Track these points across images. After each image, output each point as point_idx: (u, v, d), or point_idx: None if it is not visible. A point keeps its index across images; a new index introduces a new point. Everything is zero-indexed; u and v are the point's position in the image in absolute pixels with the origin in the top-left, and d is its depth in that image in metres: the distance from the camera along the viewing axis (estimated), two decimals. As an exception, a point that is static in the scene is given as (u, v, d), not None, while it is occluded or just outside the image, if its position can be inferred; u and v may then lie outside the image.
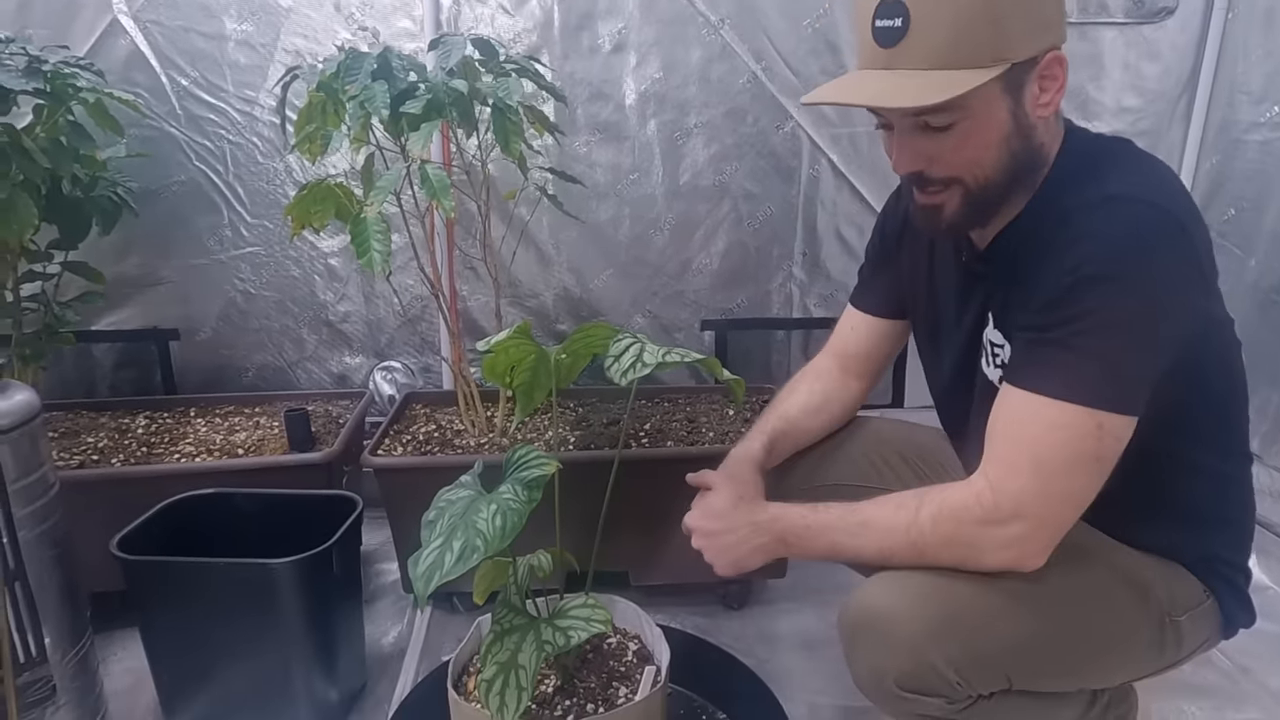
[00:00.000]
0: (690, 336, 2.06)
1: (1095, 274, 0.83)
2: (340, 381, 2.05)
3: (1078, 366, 0.85)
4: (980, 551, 0.90)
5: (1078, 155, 0.94)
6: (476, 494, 0.96)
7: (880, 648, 0.93)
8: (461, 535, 0.87)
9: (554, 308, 2.03)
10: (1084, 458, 0.86)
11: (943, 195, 0.93)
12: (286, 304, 1.98)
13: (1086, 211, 0.86)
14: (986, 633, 0.91)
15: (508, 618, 0.98)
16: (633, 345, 0.98)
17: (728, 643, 1.56)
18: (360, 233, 1.30)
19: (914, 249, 1.16)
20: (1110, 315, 0.84)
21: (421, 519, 0.95)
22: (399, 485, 1.54)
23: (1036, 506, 0.88)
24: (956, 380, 1.11)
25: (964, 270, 1.06)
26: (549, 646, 0.96)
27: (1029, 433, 0.88)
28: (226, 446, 1.60)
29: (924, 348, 1.21)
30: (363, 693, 1.43)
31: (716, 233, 2.00)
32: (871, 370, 1.30)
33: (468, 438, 1.66)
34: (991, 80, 0.84)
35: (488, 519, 0.89)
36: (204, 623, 1.26)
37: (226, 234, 1.93)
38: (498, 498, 0.92)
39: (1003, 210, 0.96)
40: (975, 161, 0.90)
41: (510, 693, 0.91)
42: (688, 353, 0.99)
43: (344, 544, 1.30)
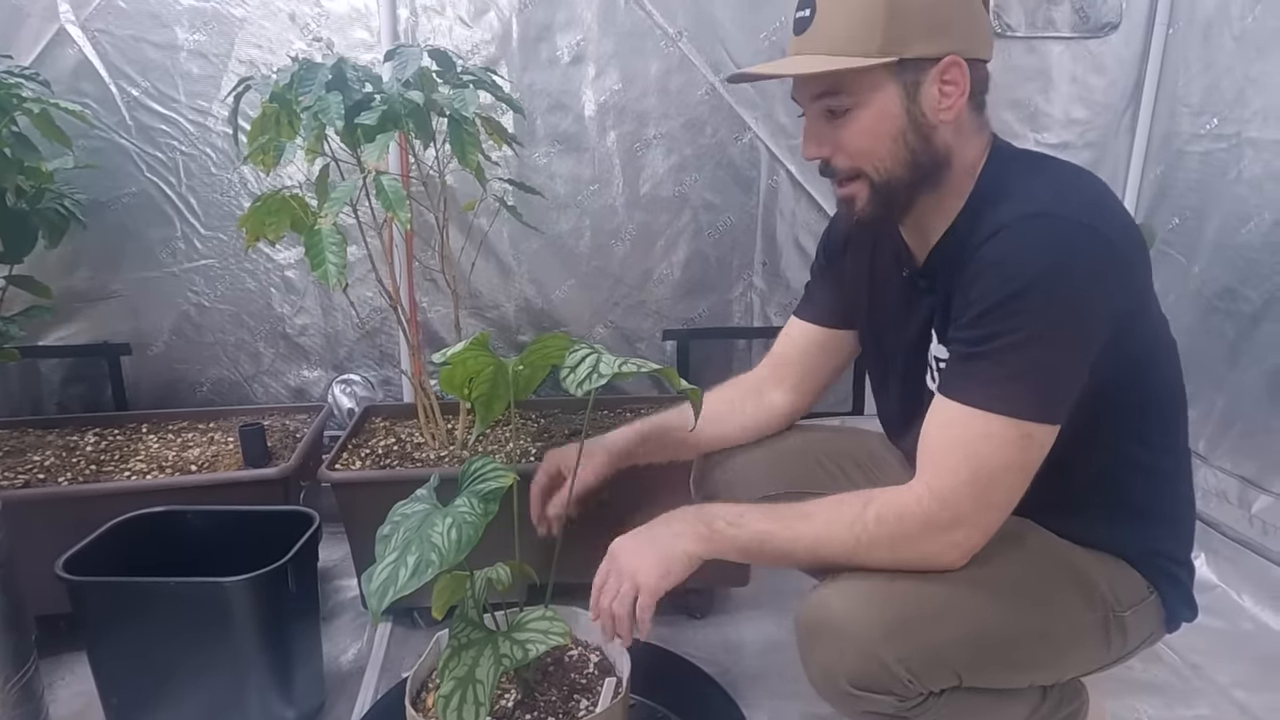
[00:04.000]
0: (652, 346, 2.07)
1: (1018, 290, 0.87)
2: (298, 395, 2.02)
3: (1006, 381, 0.89)
4: (920, 553, 0.93)
5: (1001, 169, 0.98)
6: (432, 508, 0.95)
7: (833, 648, 0.94)
8: (416, 550, 0.86)
9: (515, 319, 2.03)
10: (1012, 466, 0.91)
11: (853, 187, 0.99)
12: (242, 317, 1.95)
13: (1009, 229, 0.89)
14: (935, 631, 0.93)
15: (465, 632, 0.97)
16: (589, 356, 0.98)
17: (691, 652, 1.56)
18: (315, 245, 1.28)
19: (857, 262, 1.18)
20: (1035, 330, 0.87)
21: (377, 532, 0.94)
22: (357, 500, 1.52)
23: (973, 512, 0.92)
24: (903, 395, 1.13)
25: (905, 285, 1.08)
26: (507, 660, 0.95)
27: (963, 442, 0.91)
28: (179, 463, 1.57)
29: (870, 363, 1.23)
30: (321, 711, 1.41)
31: (677, 243, 2.02)
32: (805, 383, 1.28)
33: (428, 450, 1.64)
34: (881, 71, 0.91)
35: (443, 533, 0.88)
36: (155, 644, 1.23)
37: (179, 246, 1.89)
38: (453, 511, 0.92)
39: (918, 209, 0.99)
40: (871, 153, 0.95)
41: (468, 708, 0.91)
42: (644, 363, 1.00)
43: (300, 561, 1.28)
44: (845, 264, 1.21)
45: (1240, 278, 1.77)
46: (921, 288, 1.05)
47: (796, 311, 1.29)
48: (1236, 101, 1.79)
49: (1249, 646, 1.59)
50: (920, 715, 0.95)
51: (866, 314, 1.18)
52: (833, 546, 0.94)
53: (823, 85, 0.94)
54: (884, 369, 1.18)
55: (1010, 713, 1.01)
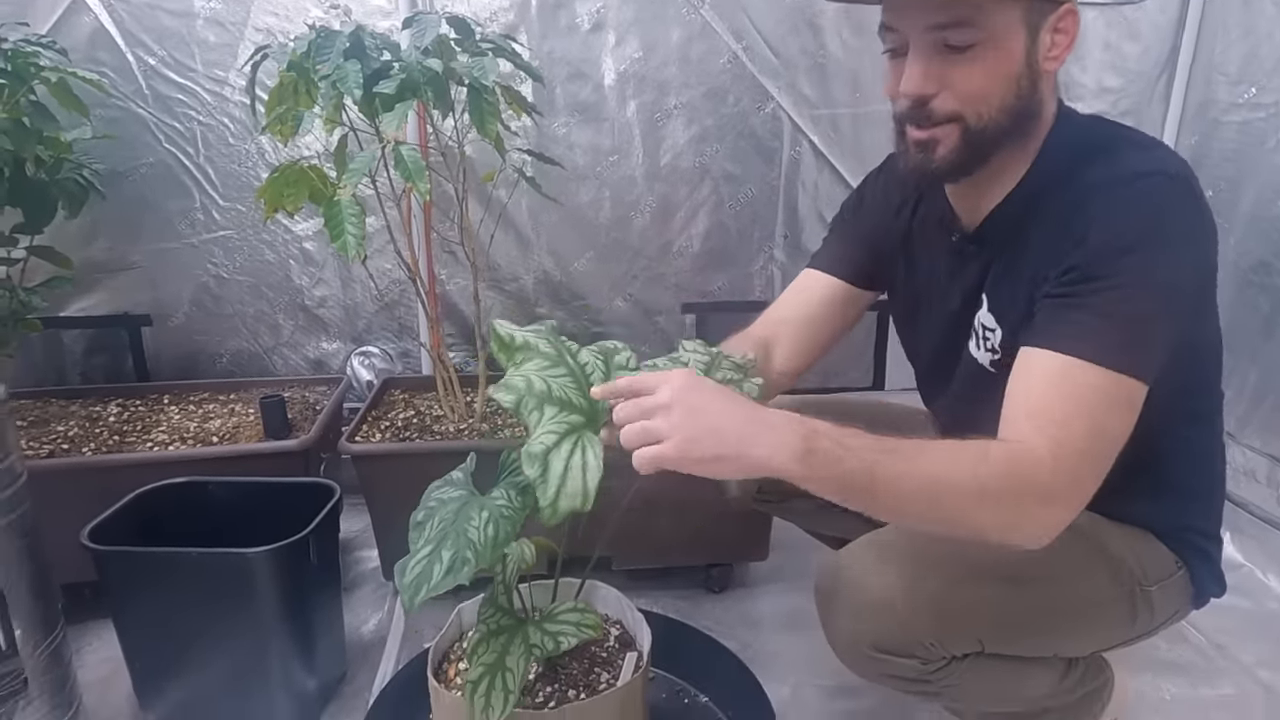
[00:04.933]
0: (671, 320, 2.05)
1: (1128, 246, 0.83)
2: (317, 367, 2.02)
3: (1118, 335, 0.83)
4: (1023, 519, 0.83)
5: (1078, 130, 0.94)
6: (468, 495, 0.93)
7: (854, 609, 0.94)
8: (452, 545, 0.85)
9: (534, 291, 2.02)
10: (1123, 432, 0.84)
11: (941, 130, 0.91)
12: (261, 289, 1.95)
13: (1110, 187, 0.86)
14: (959, 595, 0.92)
15: (495, 618, 0.96)
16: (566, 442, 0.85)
17: (709, 626, 1.57)
18: (334, 216, 1.27)
19: (895, 220, 1.14)
20: (1143, 288, 0.84)
21: (410, 518, 0.92)
22: (377, 472, 1.52)
23: (1085, 480, 0.83)
24: (941, 362, 1.10)
25: (953, 252, 1.05)
26: (537, 650, 0.95)
27: (1078, 399, 0.83)
28: (201, 434, 1.58)
29: (902, 327, 1.20)
30: (342, 681, 1.42)
31: (697, 215, 1.99)
32: (810, 344, 1.19)
33: (447, 423, 1.64)
34: (1017, 7, 0.85)
35: (479, 527, 0.86)
36: (178, 613, 1.24)
37: (198, 217, 1.89)
38: (490, 504, 0.89)
39: (989, 166, 0.94)
40: (983, 95, 0.88)
41: (497, 695, 0.90)
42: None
43: (321, 532, 1.28)
44: (881, 220, 1.16)
45: (1276, 251, 1.73)
46: (970, 252, 1.02)
47: (815, 264, 1.23)
48: (1276, 70, 1.73)
49: (1274, 626, 1.58)
50: (942, 679, 0.94)
51: (903, 276, 1.15)
52: (954, 491, 0.80)
53: (954, 14, 0.85)
54: (918, 333, 1.15)
55: (1033, 682, 1.01)
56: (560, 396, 0.90)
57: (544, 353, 0.95)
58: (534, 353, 0.95)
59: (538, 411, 0.89)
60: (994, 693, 0.99)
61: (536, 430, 0.88)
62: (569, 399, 0.91)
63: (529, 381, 0.90)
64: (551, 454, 0.85)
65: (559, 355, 0.95)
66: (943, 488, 0.80)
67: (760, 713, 1.30)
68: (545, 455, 0.85)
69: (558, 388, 0.91)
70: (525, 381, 0.90)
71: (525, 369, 0.93)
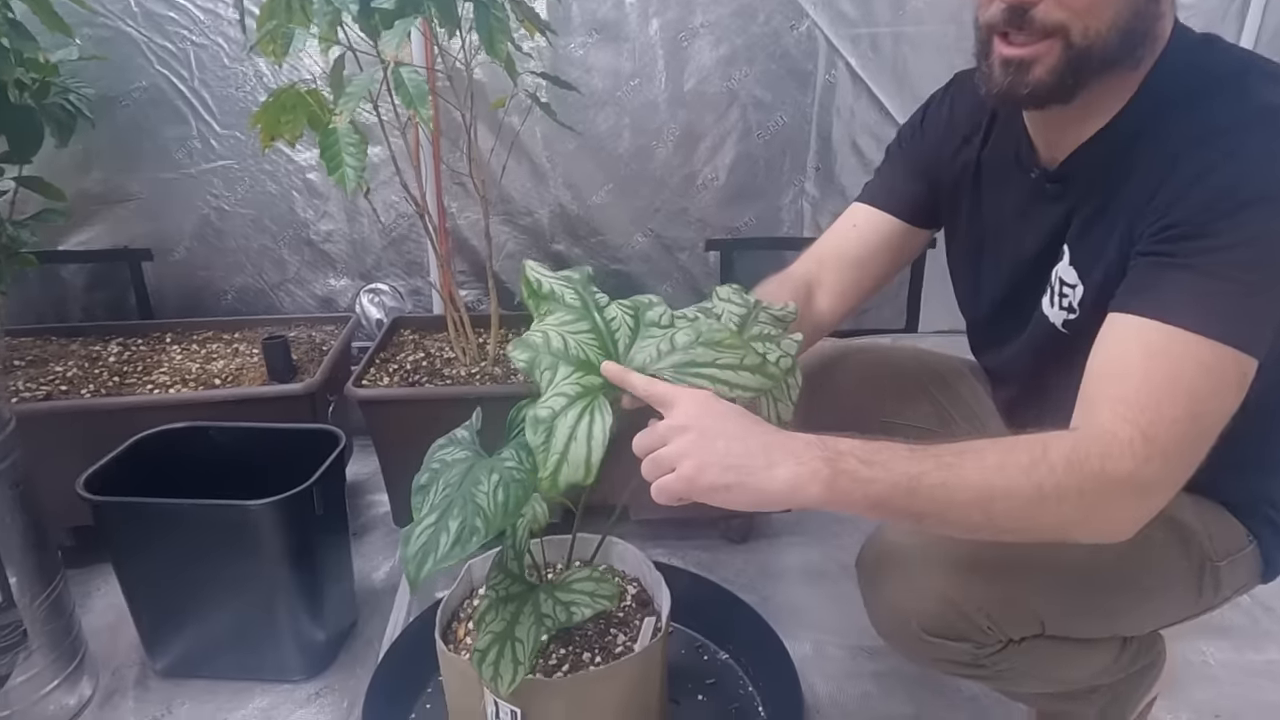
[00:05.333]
0: (694, 257, 1.95)
1: (1250, 199, 0.71)
2: (325, 305, 1.95)
3: (1231, 304, 0.72)
4: (1105, 513, 0.73)
5: (1192, 55, 0.81)
6: (475, 455, 0.86)
7: (904, 590, 0.87)
8: (459, 513, 0.78)
9: (549, 227, 1.91)
10: (1226, 414, 0.74)
11: (1040, 46, 0.77)
12: (264, 222, 1.86)
13: (1233, 126, 0.74)
14: (1020, 574, 0.84)
15: (504, 583, 0.90)
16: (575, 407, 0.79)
17: (729, 578, 1.52)
18: (330, 146, 1.17)
19: (961, 154, 1.02)
20: (1269, 244, 0.72)
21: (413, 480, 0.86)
22: (386, 418, 1.46)
23: (1179, 469, 0.73)
24: (1003, 315, 1.00)
25: (1031, 192, 0.93)
26: (549, 621, 0.89)
27: (1177, 376, 0.72)
28: (203, 376, 1.52)
29: (960, 272, 1.09)
30: (352, 631, 1.39)
31: (724, 144, 1.86)
32: (856, 287, 1.09)
33: (458, 366, 1.57)
34: None
35: (488, 492, 0.79)
36: (180, 564, 1.20)
37: (195, 145, 1.79)
38: (500, 466, 0.82)
39: (1086, 93, 0.81)
40: (1094, 6, 0.75)
41: (506, 665, 0.85)
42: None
43: (326, 481, 1.22)
44: (945, 149, 1.04)
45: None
46: (1050, 194, 0.90)
47: (866, 197, 1.11)
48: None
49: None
50: (997, 663, 0.88)
51: (966, 215, 1.03)
52: (1009, 496, 0.70)
53: None
54: (979, 281, 1.04)
55: (1090, 662, 0.94)
56: (578, 355, 0.82)
57: (569, 305, 0.87)
58: (558, 305, 0.87)
59: (551, 371, 0.81)
60: (1049, 674, 0.93)
61: (548, 391, 0.80)
62: (587, 358, 0.83)
63: (546, 337, 0.82)
64: (558, 419, 0.78)
65: (584, 308, 0.87)
66: (995, 494, 0.71)
67: (781, 670, 1.25)
68: (551, 420, 0.78)
69: (576, 345, 0.83)
70: (543, 337, 0.82)
71: (546, 323, 0.85)
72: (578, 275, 0.91)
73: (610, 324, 0.88)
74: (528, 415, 0.79)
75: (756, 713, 1.22)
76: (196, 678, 1.28)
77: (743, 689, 1.26)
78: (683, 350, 0.84)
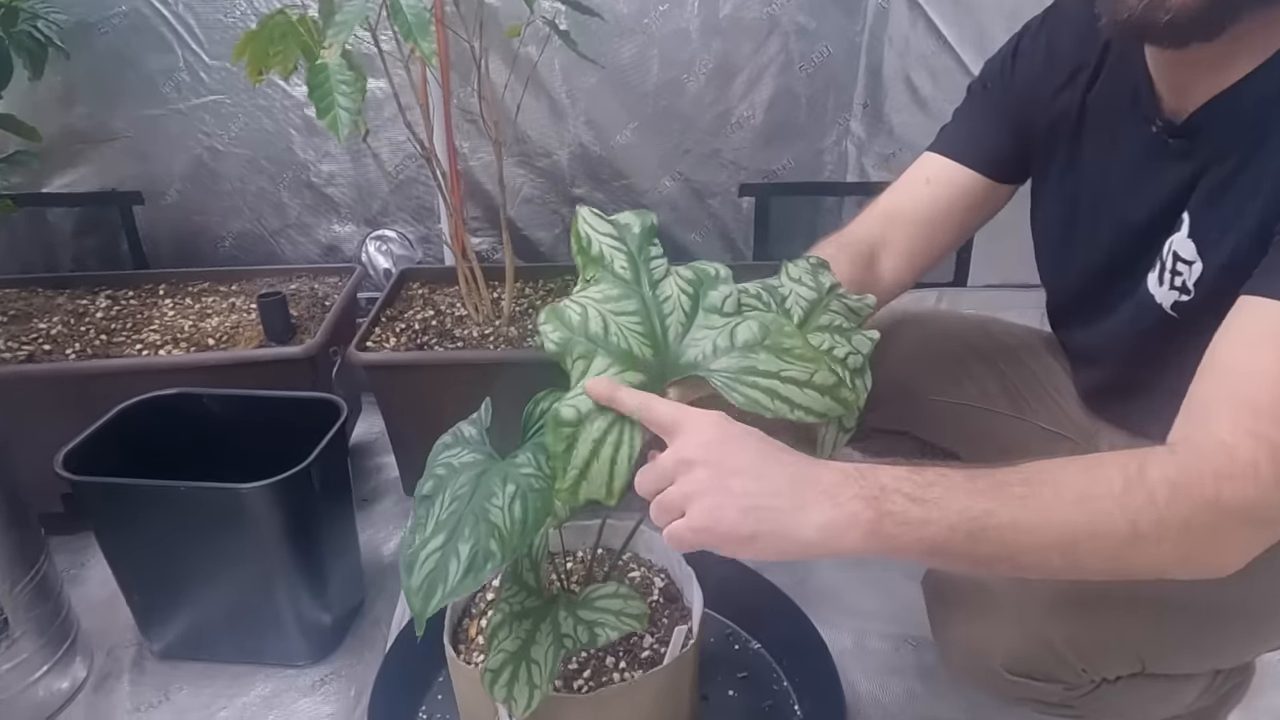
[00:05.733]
0: (726, 203, 1.79)
1: None
2: (329, 253, 1.82)
3: None
4: (1209, 549, 0.61)
5: None
6: (486, 460, 0.74)
7: (984, 623, 0.76)
8: (470, 533, 0.66)
9: (569, 169, 1.75)
10: None
11: None
12: (261, 163, 1.72)
13: None
14: (1123, 608, 0.72)
15: (518, 597, 0.79)
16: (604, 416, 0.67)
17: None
18: (319, 84, 1.03)
19: (1061, 96, 0.87)
20: None
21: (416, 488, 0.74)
22: (392, 383, 1.35)
23: None
24: (1098, 288, 0.86)
25: (1149, 145, 0.78)
26: (569, 642, 0.78)
27: None
28: (196, 335, 1.40)
29: (1046, 233, 0.95)
30: (360, 611, 1.30)
31: (761, 78, 1.68)
32: (926, 250, 0.97)
33: (470, 326, 1.44)
34: None
35: (503, 506, 0.68)
36: (170, 546, 1.11)
37: (183, 78, 1.64)
38: (516, 473, 0.70)
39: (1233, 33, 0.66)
40: None
41: (520, 687, 0.75)
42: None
43: (326, 457, 1.12)
44: (1041, 90, 0.88)
45: None
46: (1173, 151, 0.75)
47: (941, 147, 0.97)
48: None
49: None
50: (1089, 703, 0.77)
51: (1062, 169, 0.89)
52: (1097, 536, 0.58)
53: None
54: (1070, 245, 0.90)
55: (1186, 694, 0.83)
56: (619, 344, 0.70)
57: (617, 275, 0.74)
58: (606, 273, 0.74)
59: (585, 360, 0.69)
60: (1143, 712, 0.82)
61: (578, 385, 0.68)
62: (629, 348, 0.70)
63: (585, 315, 0.70)
64: (582, 428, 0.66)
65: (635, 280, 0.74)
66: (1079, 535, 0.58)
67: (819, 665, 1.15)
68: (576, 426, 0.66)
69: (618, 331, 0.70)
70: (581, 314, 0.70)
71: (588, 295, 0.72)
72: (637, 227, 0.77)
73: (663, 304, 0.75)
74: (551, 413, 0.67)
75: (792, 711, 1.13)
76: (195, 660, 1.21)
77: (777, 684, 1.17)
78: (743, 351, 0.71)
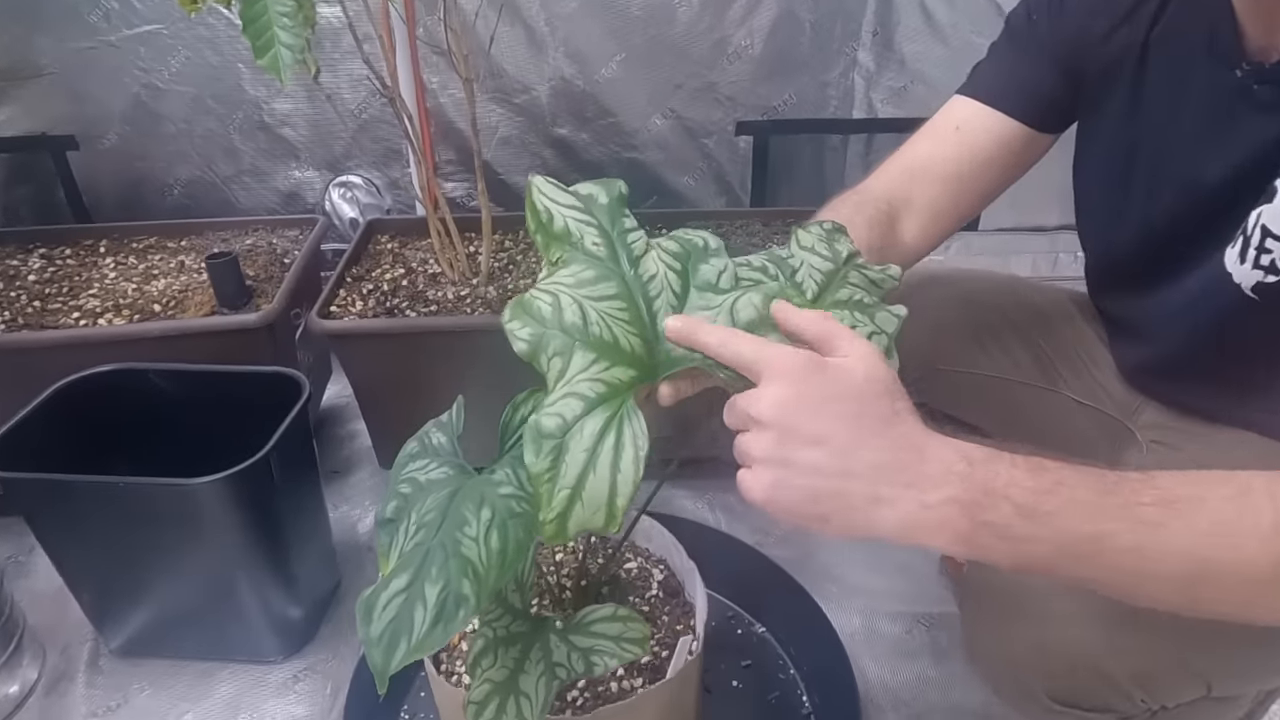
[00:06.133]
0: (722, 143, 1.65)
1: None
2: (290, 201, 1.67)
3: None
4: None
5: None
6: (458, 475, 0.63)
7: (1028, 643, 0.67)
8: (439, 572, 0.56)
9: (550, 106, 1.60)
10: None
11: None
12: (206, 101, 1.55)
13: None
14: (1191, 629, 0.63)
15: (502, 621, 0.70)
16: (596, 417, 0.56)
17: (762, 527, 1.33)
18: (256, 18, 0.88)
19: (1123, 29, 0.74)
20: None
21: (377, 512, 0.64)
22: (360, 353, 1.23)
23: None
24: (1156, 255, 0.76)
25: (1231, 92, 0.66)
26: (562, 672, 0.69)
27: None
28: (140, 300, 1.27)
29: (1097, 188, 0.84)
30: (335, 597, 1.21)
31: (761, 2, 1.52)
32: (952, 211, 0.86)
33: (445, 286, 1.32)
34: None
35: (478, 536, 0.57)
36: (118, 544, 1.01)
37: (112, 5, 1.45)
38: (493, 493, 0.59)
39: None
40: None
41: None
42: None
43: (286, 442, 1.01)
44: (1095, 24, 0.76)
45: None
46: (1262, 100, 0.64)
47: (974, 90, 0.85)
48: None
49: None
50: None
51: (1117, 117, 0.77)
52: (1226, 574, 0.49)
53: None
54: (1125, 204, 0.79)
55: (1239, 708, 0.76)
56: (601, 335, 0.58)
57: (589, 253, 0.61)
58: (576, 251, 0.61)
59: (563, 358, 0.57)
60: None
61: (558, 388, 0.56)
62: (615, 339, 0.59)
63: (557, 304, 0.58)
64: (571, 436, 0.55)
65: (611, 257, 0.62)
66: (1209, 573, 0.49)
67: (828, 651, 1.09)
68: (562, 437, 0.55)
69: (599, 319, 0.59)
70: (553, 303, 0.58)
71: (558, 279, 0.60)
72: (604, 197, 0.64)
73: (647, 285, 0.63)
74: (528, 426, 0.55)
75: (801, 703, 1.06)
76: (158, 658, 1.12)
77: (783, 672, 1.10)
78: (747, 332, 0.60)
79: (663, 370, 0.61)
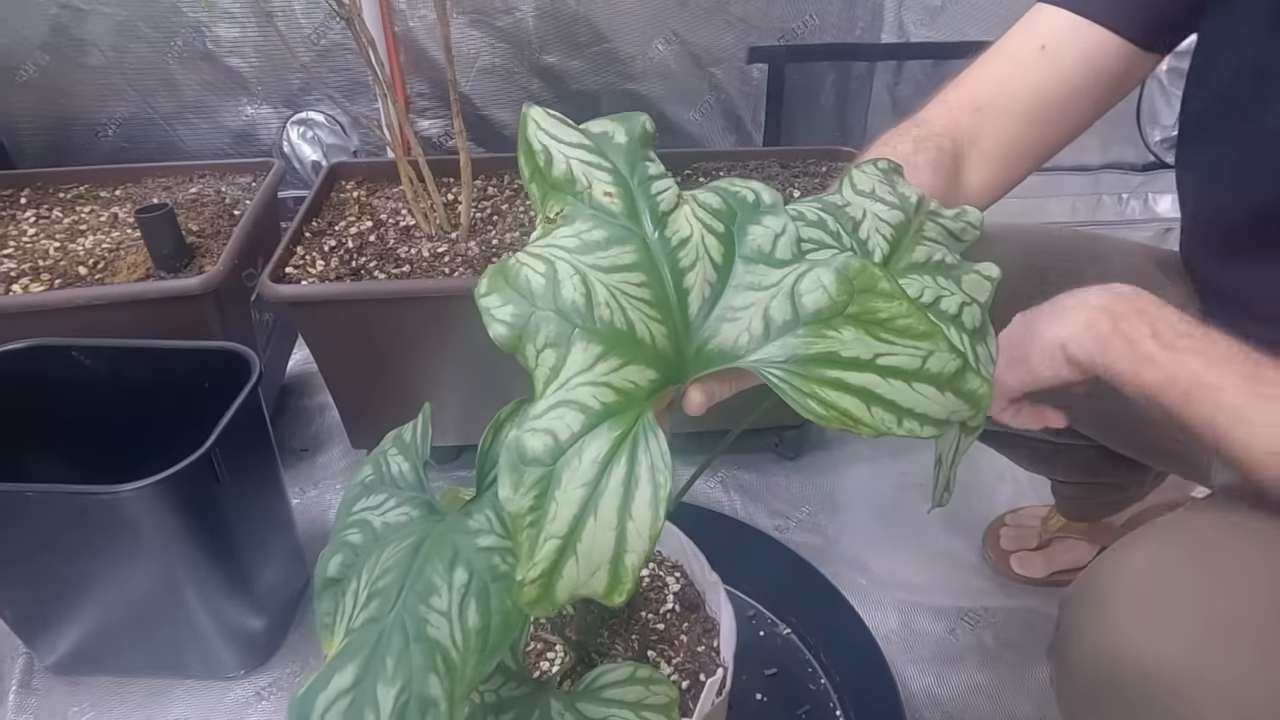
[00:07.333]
0: (731, 72, 1.46)
1: None
2: (243, 143, 1.47)
3: None
4: None
5: None
6: (423, 518, 0.48)
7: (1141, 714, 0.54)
8: (397, 666, 0.40)
9: (536, 30, 1.40)
10: None
11: None
12: (138, 26, 1.34)
13: None
14: None
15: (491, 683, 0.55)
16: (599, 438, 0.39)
17: (782, 510, 1.20)
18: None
19: None
20: None
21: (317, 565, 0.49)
22: (321, 322, 1.06)
23: None
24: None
25: None
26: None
27: None
28: (63, 263, 1.09)
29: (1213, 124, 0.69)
30: (303, 597, 1.08)
31: (778, -95, 1.32)
32: (1033, 150, 0.72)
33: (419, 242, 1.14)
34: None
35: (449, 610, 0.41)
36: (39, 556, 0.87)
37: (17, -90, 1.24)
38: (469, 546, 0.44)
39: None
40: None
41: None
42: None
43: (233, 434, 0.85)
44: None
45: None
46: None
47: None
48: None
49: None
50: None
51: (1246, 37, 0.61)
52: None
53: None
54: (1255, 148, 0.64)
55: None
56: (609, 320, 0.42)
57: (599, 207, 0.45)
58: (580, 204, 0.45)
59: (556, 351, 0.40)
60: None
61: (549, 392, 0.40)
62: (630, 326, 0.43)
63: (552, 276, 0.41)
64: (565, 462, 0.39)
65: (629, 214, 0.46)
66: None
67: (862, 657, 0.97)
68: (552, 463, 0.39)
69: (608, 296, 0.43)
70: (545, 276, 0.41)
71: (554, 243, 0.43)
72: (622, 135, 0.48)
73: (677, 252, 0.46)
74: (506, 445, 0.39)
75: (834, 719, 0.94)
76: (101, 674, 0.98)
77: (813, 682, 0.97)
78: (813, 325, 0.44)
79: (694, 370, 0.46)
